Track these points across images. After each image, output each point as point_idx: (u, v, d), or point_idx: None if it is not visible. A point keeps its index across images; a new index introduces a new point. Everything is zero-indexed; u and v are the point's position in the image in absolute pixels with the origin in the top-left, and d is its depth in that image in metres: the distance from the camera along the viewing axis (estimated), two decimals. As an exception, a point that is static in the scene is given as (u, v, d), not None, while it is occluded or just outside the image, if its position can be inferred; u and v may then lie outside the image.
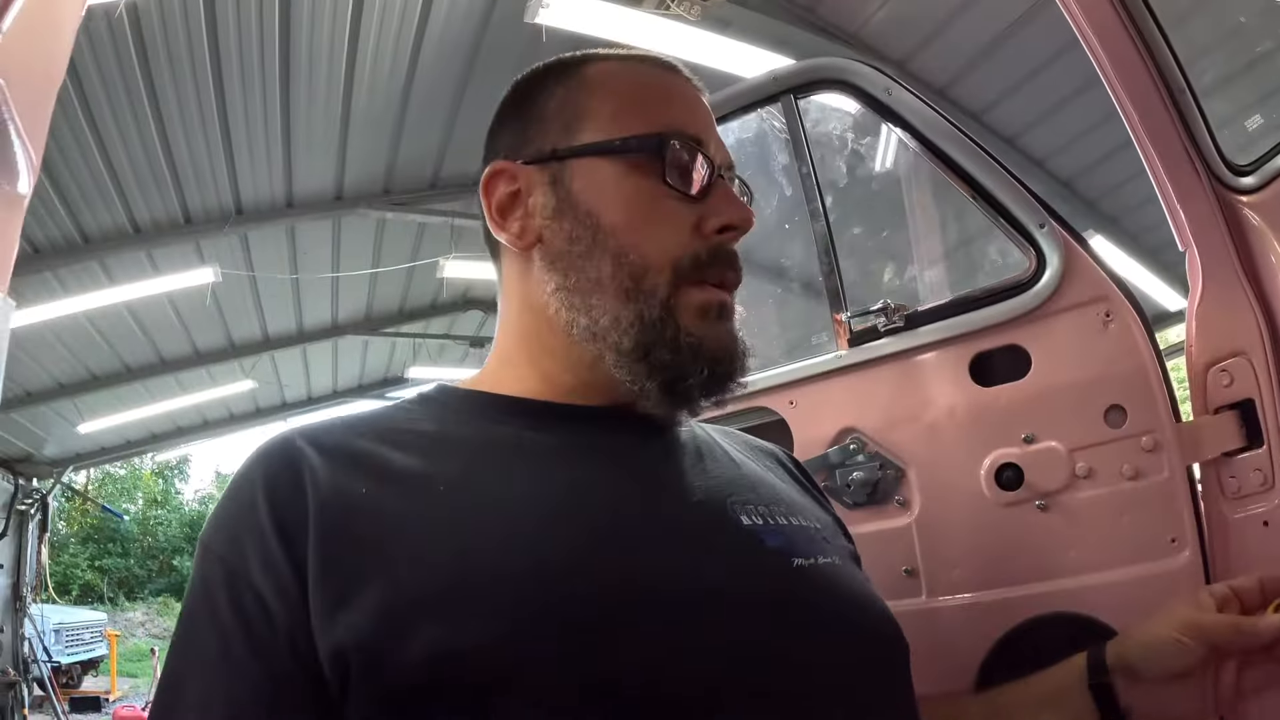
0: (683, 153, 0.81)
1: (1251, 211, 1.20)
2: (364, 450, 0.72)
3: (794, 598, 0.73)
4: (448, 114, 6.91)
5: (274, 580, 0.63)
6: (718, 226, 0.82)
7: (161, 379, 10.39)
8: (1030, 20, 5.62)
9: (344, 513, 0.65)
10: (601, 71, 0.87)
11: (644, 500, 0.76)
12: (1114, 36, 1.22)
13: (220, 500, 0.70)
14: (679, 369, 0.78)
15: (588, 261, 0.80)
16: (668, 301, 0.79)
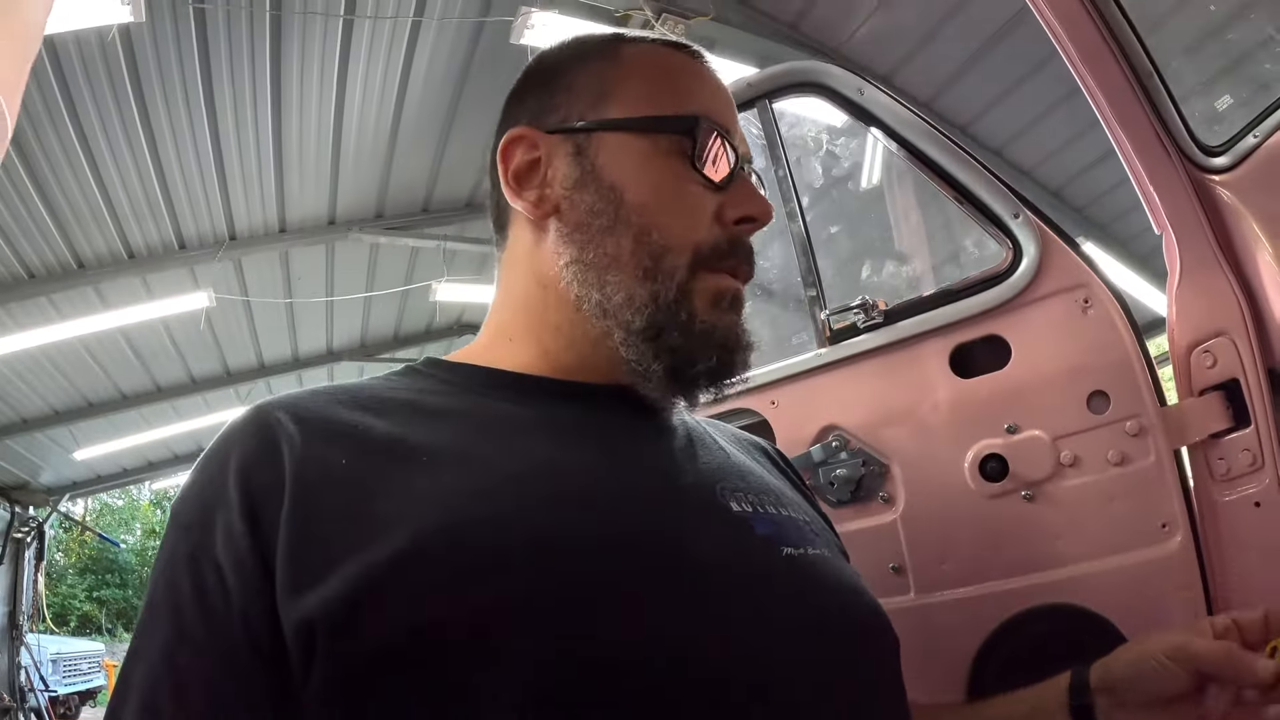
0: (712, 139, 0.80)
1: (1225, 190, 1.20)
2: (345, 420, 0.70)
3: (783, 584, 0.71)
4: (438, 138, 6.96)
5: (233, 555, 0.62)
6: (738, 217, 0.81)
7: (157, 406, 10.34)
8: (1010, 32, 5.68)
9: (322, 485, 0.64)
10: (634, 51, 0.86)
11: (633, 478, 0.74)
12: (1080, 25, 1.22)
13: (193, 469, 0.70)
14: (688, 354, 0.77)
15: (607, 236, 0.78)
16: (685, 285, 0.77)
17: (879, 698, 0.73)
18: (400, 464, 0.67)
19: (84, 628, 18.62)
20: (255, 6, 5.04)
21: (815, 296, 1.51)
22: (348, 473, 0.65)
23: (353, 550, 0.60)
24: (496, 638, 0.57)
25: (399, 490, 0.64)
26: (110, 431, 10.66)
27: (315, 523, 0.62)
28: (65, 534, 18.46)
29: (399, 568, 0.59)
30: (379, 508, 0.63)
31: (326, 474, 0.65)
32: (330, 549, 0.60)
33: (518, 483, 0.68)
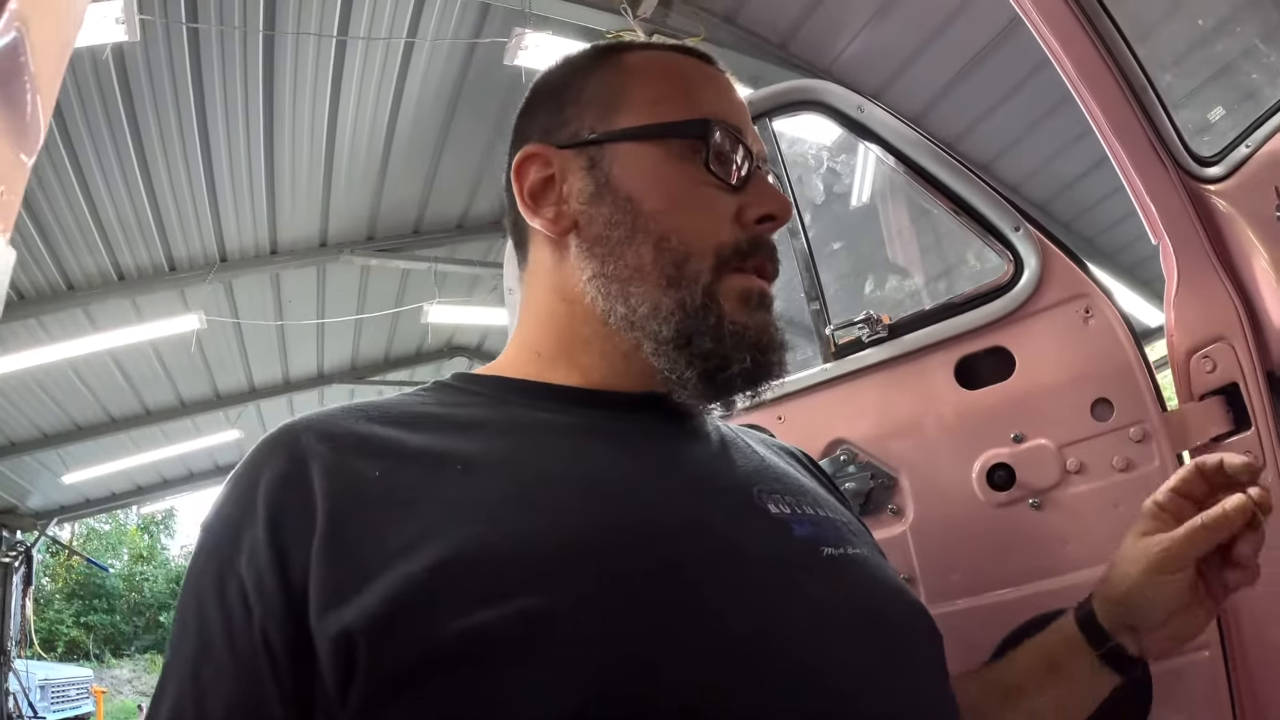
0: (725, 140, 0.80)
1: (1220, 199, 1.23)
2: (375, 434, 0.70)
3: (826, 583, 0.71)
4: (430, 160, 6.99)
5: (255, 572, 0.62)
6: (758, 215, 0.80)
7: (146, 429, 10.30)
8: (995, 50, 5.77)
9: (356, 499, 0.64)
10: (640, 59, 0.86)
11: (671, 482, 0.74)
12: (1076, 41, 1.26)
13: (222, 489, 0.70)
14: (722, 357, 0.76)
15: (627, 247, 0.78)
16: (710, 288, 0.77)
17: (929, 692, 0.73)
18: (434, 474, 0.67)
19: (71, 653, 18.38)
20: (248, 27, 5.07)
21: (819, 312, 1.53)
22: (381, 485, 0.65)
23: (392, 561, 0.60)
24: (545, 643, 0.57)
25: (435, 500, 0.64)
26: (99, 455, 10.60)
27: (351, 536, 0.62)
28: (52, 559, 18.27)
29: (440, 577, 0.59)
30: (415, 518, 0.63)
31: (360, 487, 0.65)
32: (368, 561, 0.60)
33: (555, 489, 0.68)
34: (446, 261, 8.16)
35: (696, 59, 0.88)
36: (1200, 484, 0.86)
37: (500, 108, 6.32)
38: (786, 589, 0.68)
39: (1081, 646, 0.89)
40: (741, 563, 0.68)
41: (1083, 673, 0.89)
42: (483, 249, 8.67)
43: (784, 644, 0.64)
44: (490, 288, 9.05)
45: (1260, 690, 1.17)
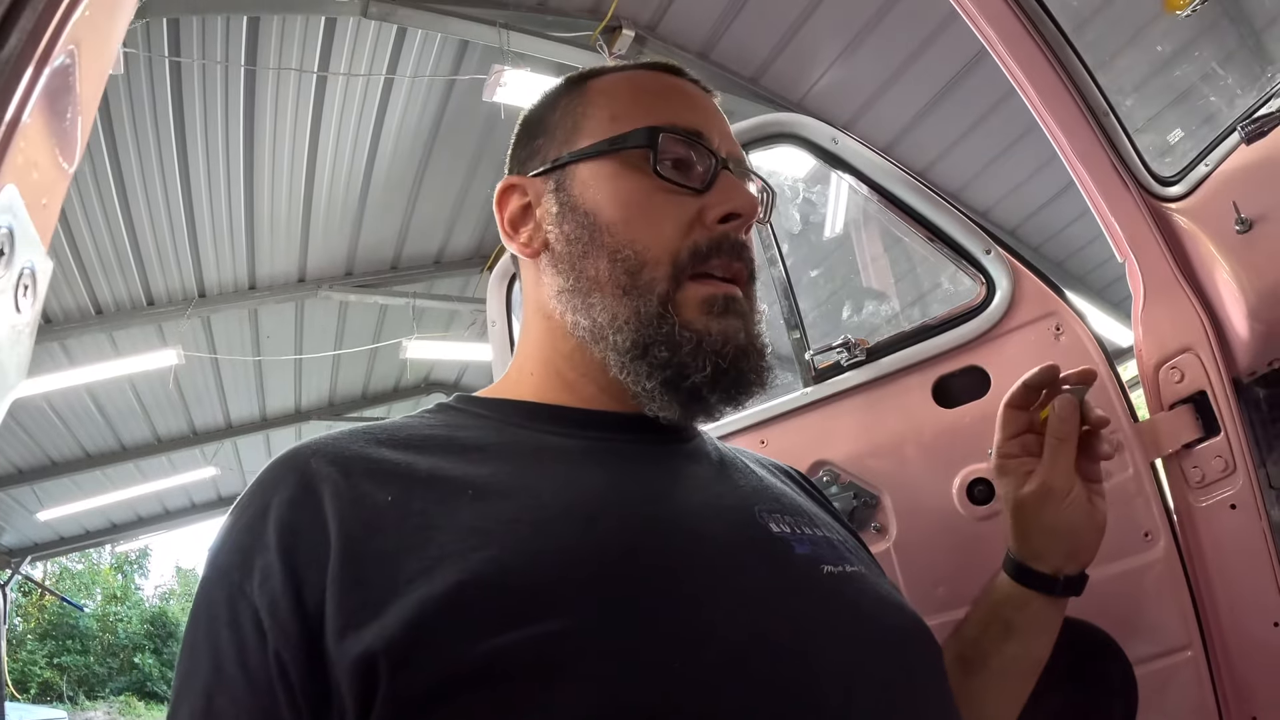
0: (675, 144, 0.81)
1: (1181, 217, 1.28)
2: (386, 458, 0.71)
3: (829, 601, 0.72)
4: (409, 195, 7.03)
5: (268, 597, 0.62)
6: (719, 215, 0.80)
7: (122, 466, 10.19)
8: (960, 83, 5.93)
9: (370, 525, 0.64)
10: (604, 81, 0.89)
11: (677, 503, 0.75)
12: (1039, 68, 1.31)
13: (230, 515, 0.69)
14: (679, 365, 0.76)
15: (586, 260, 0.80)
16: (667, 296, 0.77)
17: (932, 705, 0.74)
18: (447, 498, 0.67)
19: (45, 695, 17.88)
20: (230, 62, 5.10)
21: (799, 338, 1.56)
22: (394, 509, 0.65)
23: (410, 585, 0.60)
24: (563, 666, 0.58)
25: (448, 524, 0.65)
26: (74, 492, 10.45)
27: (368, 560, 0.62)
28: (25, 598, 17.83)
29: (459, 600, 0.59)
30: (431, 543, 0.63)
31: (373, 512, 0.65)
32: (385, 586, 0.61)
33: (565, 513, 0.68)
34: (424, 297, 8.19)
35: (661, 72, 0.90)
36: (1022, 417, 0.98)
37: (478, 144, 6.39)
38: (791, 607, 0.69)
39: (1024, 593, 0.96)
40: (747, 582, 0.69)
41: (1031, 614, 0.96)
42: (460, 284, 8.70)
43: (791, 661, 0.64)
44: (468, 323, 9.06)
45: (1243, 686, 1.20)
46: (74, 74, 0.43)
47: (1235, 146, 1.21)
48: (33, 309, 0.43)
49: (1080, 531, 0.94)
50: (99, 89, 0.48)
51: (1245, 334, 1.22)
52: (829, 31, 5.74)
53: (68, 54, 0.42)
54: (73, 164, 0.46)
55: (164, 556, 31.25)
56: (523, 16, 5.34)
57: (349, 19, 5.12)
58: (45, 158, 0.44)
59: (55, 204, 0.45)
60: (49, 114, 0.42)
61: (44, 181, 0.44)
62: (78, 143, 0.47)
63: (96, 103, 0.48)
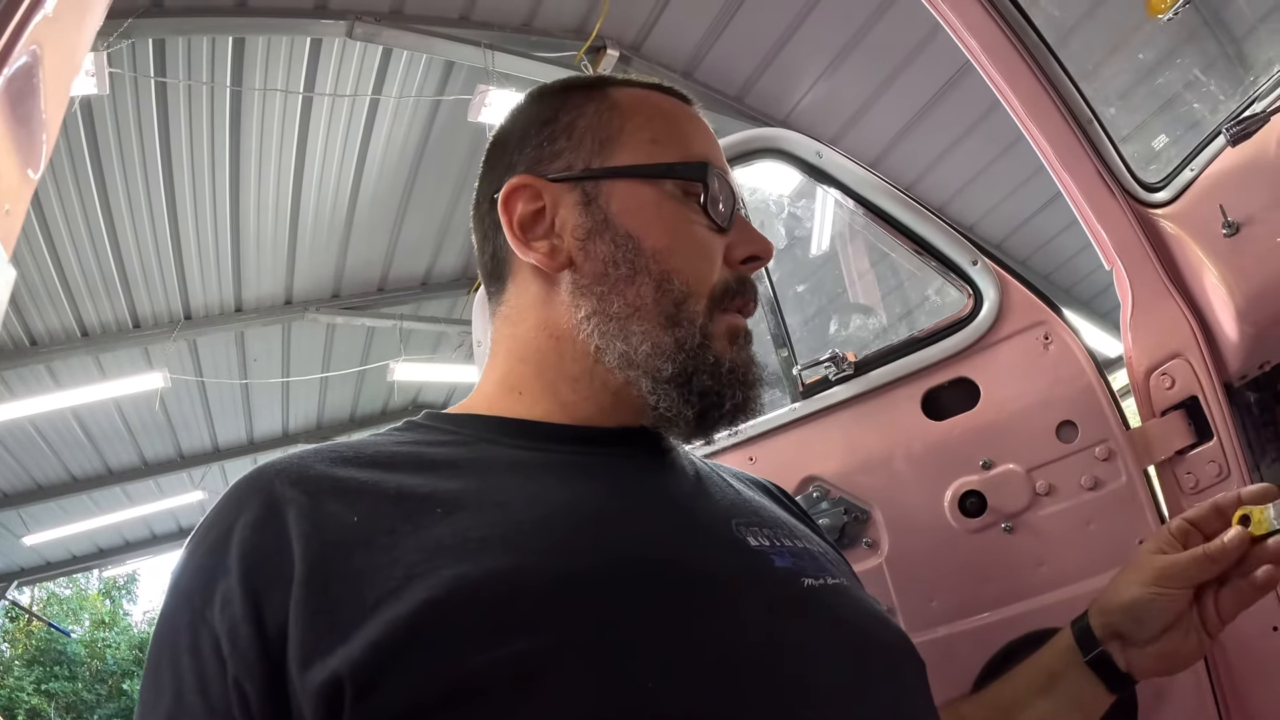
0: (719, 183, 0.82)
1: (1168, 222, 1.29)
2: (352, 477, 0.69)
3: (809, 615, 0.71)
4: (395, 217, 7.03)
5: (228, 623, 0.60)
6: (745, 256, 0.83)
7: (108, 490, 10.08)
8: (945, 97, 5.97)
9: (336, 545, 0.62)
10: (630, 96, 0.86)
11: (652, 517, 0.74)
12: (1023, 80, 1.32)
13: (193, 537, 0.68)
14: (717, 394, 0.78)
15: (628, 286, 0.78)
16: (706, 328, 0.78)
17: (913, 718, 0.74)
18: (414, 517, 0.66)
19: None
20: (216, 82, 5.10)
21: (786, 353, 1.55)
22: (361, 530, 0.64)
23: (377, 607, 0.59)
24: (539, 685, 0.57)
25: (416, 543, 0.63)
26: (60, 516, 10.35)
27: (333, 583, 0.60)
28: (11, 624, 17.60)
29: (427, 620, 0.58)
30: (398, 562, 0.61)
31: (339, 533, 0.63)
32: (352, 607, 0.59)
33: (537, 527, 0.67)
34: (411, 319, 8.17)
35: (678, 99, 0.89)
36: (1215, 518, 0.91)
37: (464, 165, 6.40)
38: (770, 620, 0.68)
39: (1074, 656, 0.92)
40: (725, 596, 0.68)
41: (1075, 684, 0.91)
42: (447, 306, 8.70)
43: (771, 674, 0.63)
44: (455, 345, 9.05)
45: (1243, 691, 1.19)
46: (37, 76, 0.42)
47: (1221, 150, 1.21)
48: (-8, 313, 0.41)
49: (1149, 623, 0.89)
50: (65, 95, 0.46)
51: (1235, 337, 1.22)
52: (813, 48, 5.78)
53: (30, 54, 0.41)
54: (37, 170, 0.45)
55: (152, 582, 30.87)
56: (507, 37, 5.36)
57: (334, 40, 5.13)
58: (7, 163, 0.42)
59: (19, 211, 0.43)
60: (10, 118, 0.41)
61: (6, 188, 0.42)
62: (43, 149, 0.45)
63: (63, 109, 0.47)
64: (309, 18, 4.91)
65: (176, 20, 4.66)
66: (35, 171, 0.45)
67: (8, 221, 0.42)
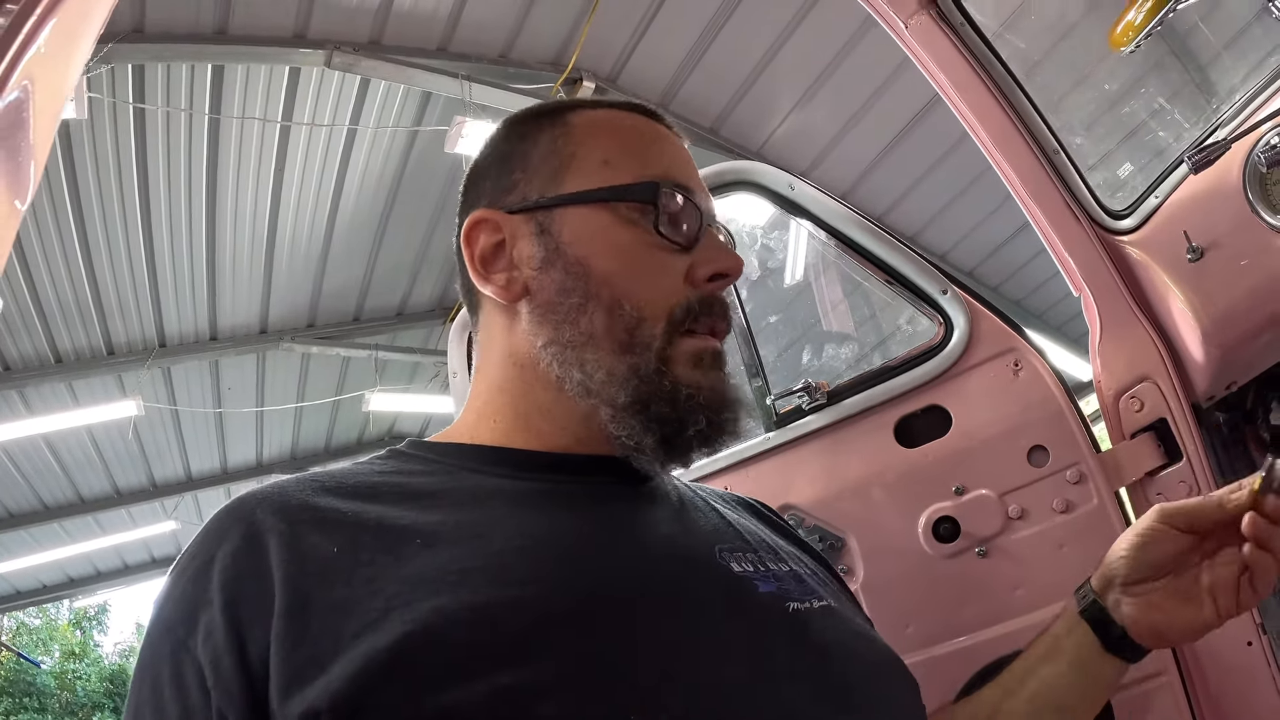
0: (673, 200, 0.79)
1: (1134, 249, 1.31)
2: (334, 507, 0.68)
3: (794, 641, 0.70)
4: (371, 246, 7.03)
5: (211, 654, 0.60)
6: (709, 274, 0.79)
7: (80, 519, 9.92)
8: (916, 128, 6.08)
9: (316, 576, 0.62)
10: (587, 118, 0.85)
11: (634, 547, 0.74)
12: (991, 115, 1.35)
13: (174, 567, 0.68)
14: (678, 421, 0.75)
15: (580, 314, 0.77)
16: (663, 353, 0.76)
17: None
18: (395, 548, 0.65)
19: (1, 757, 17.07)
20: (195, 110, 5.10)
21: (760, 383, 1.56)
22: (341, 561, 0.63)
23: (356, 639, 0.58)
24: (518, 716, 0.56)
25: (398, 574, 0.63)
26: (30, 545, 10.17)
27: (313, 614, 0.60)
28: (-20, 654, 17.12)
29: (406, 653, 0.57)
30: (378, 594, 0.61)
31: (320, 564, 0.63)
32: (332, 640, 0.59)
33: (518, 559, 0.66)
34: (387, 349, 8.15)
35: (644, 115, 0.87)
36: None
37: (440, 195, 6.42)
38: (755, 649, 0.67)
39: (1074, 616, 0.88)
40: (708, 625, 0.67)
41: (1076, 644, 0.87)
42: (422, 336, 8.68)
43: (753, 704, 0.63)
44: (430, 375, 9.02)
45: (1220, 709, 1.20)
46: (28, 110, 0.42)
47: (1184, 178, 1.24)
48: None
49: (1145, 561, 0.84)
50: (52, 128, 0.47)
51: (1202, 359, 1.25)
52: (786, 81, 5.88)
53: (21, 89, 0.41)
54: (25, 202, 0.45)
55: (124, 612, 30.23)
56: (484, 68, 5.41)
57: (313, 69, 5.16)
58: None
59: (5, 242, 0.44)
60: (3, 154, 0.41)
61: None
62: (30, 181, 0.45)
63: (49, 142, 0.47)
64: (288, 46, 4.94)
65: (156, 47, 4.67)
66: (23, 203, 0.45)
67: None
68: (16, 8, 0.44)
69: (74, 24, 0.50)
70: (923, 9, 1.36)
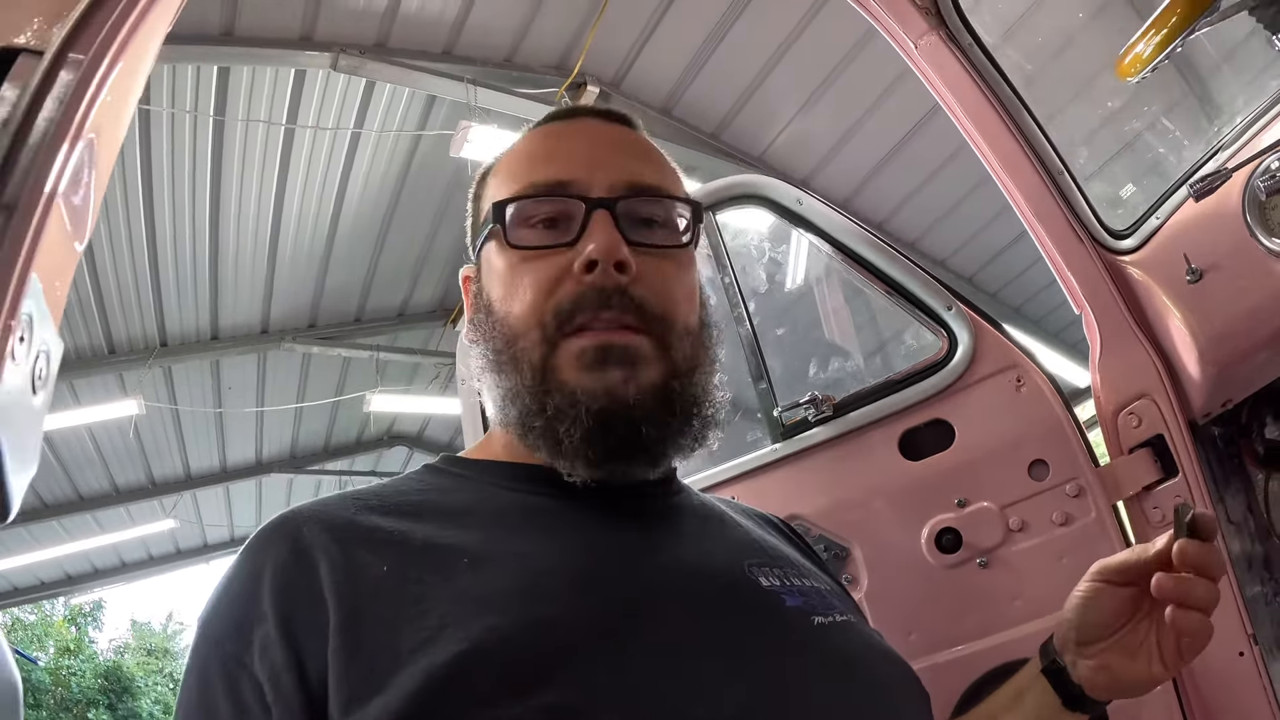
0: (525, 207, 0.79)
1: (1135, 269, 1.34)
2: (380, 526, 0.70)
3: (821, 654, 0.73)
4: (373, 248, 7.04)
5: (269, 669, 0.61)
6: (581, 267, 0.75)
7: (78, 516, 9.93)
8: (916, 135, 6.11)
9: (368, 594, 0.64)
10: (507, 153, 0.89)
11: (666, 563, 0.75)
12: (1000, 138, 1.38)
13: (221, 583, 0.69)
14: (551, 429, 0.74)
15: (488, 345, 0.80)
16: (544, 362, 0.75)
17: None
18: (442, 567, 0.67)
19: (-9, 757, 16.98)
20: (199, 111, 5.11)
21: (767, 395, 1.58)
22: (391, 579, 0.65)
23: (412, 657, 0.60)
24: None
25: (446, 594, 0.64)
26: (29, 542, 10.18)
27: (367, 632, 0.62)
28: (-25, 651, 17.07)
29: (461, 671, 0.59)
30: (430, 613, 0.63)
31: (371, 583, 0.64)
32: (387, 657, 0.60)
33: (559, 578, 0.68)
34: (387, 350, 8.16)
35: (555, 121, 0.89)
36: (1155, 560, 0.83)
37: (443, 199, 6.45)
38: (786, 660, 0.70)
39: (1036, 670, 0.90)
40: (741, 638, 0.70)
41: (1037, 698, 0.89)
42: (423, 337, 8.69)
43: (788, 713, 0.66)
44: (431, 376, 9.03)
45: (1213, 717, 1.23)
46: (91, 160, 0.45)
47: (1185, 199, 1.26)
48: (46, 390, 0.44)
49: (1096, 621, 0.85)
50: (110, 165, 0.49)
51: (1199, 377, 1.27)
52: (788, 88, 5.90)
53: (87, 142, 0.43)
54: (83, 242, 0.47)
55: (119, 609, 30.24)
56: (490, 72, 5.43)
57: (319, 72, 5.17)
58: (61, 242, 0.45)
59: (65, 284, 0.46)
60: (69, 201, 0.43)
61: (58, 265, 0.45)
62: (89, 222, 0.48)
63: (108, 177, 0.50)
64: (294, 49, 4.96)
65: (162, 47, 4.65)
66: (81, 244, 0.48)
67: (57, 297, 0.45)
68: (85, 59, 0.45)
69: (135, 65, 0.53)
70: (932, 30, 1.40)
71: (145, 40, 0.55)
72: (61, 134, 0.41)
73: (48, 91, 0.42)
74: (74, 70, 0.45)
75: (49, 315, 0.44)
